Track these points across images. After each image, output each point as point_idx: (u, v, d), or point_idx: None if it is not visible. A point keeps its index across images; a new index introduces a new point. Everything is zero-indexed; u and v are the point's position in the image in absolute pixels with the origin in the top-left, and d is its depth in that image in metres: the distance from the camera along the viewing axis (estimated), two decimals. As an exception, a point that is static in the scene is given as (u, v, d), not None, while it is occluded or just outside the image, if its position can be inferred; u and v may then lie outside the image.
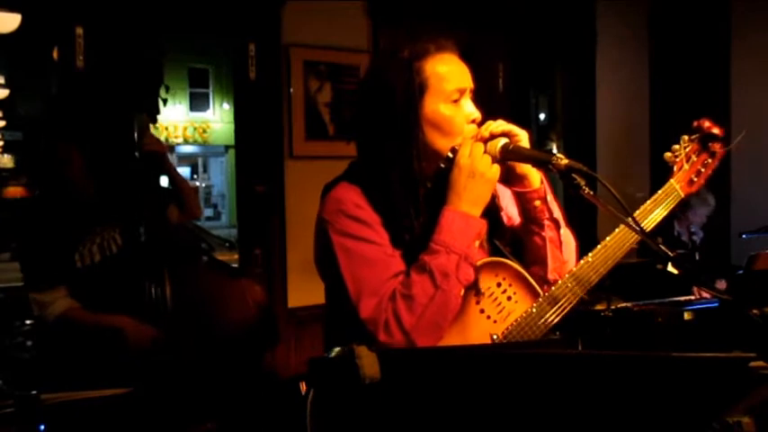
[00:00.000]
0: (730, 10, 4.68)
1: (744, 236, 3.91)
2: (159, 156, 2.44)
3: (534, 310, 1.40)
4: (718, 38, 4.70)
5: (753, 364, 0.85)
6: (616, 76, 4.73)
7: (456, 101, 1.42)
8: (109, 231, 2.41)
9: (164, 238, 2.32)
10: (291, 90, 3.57)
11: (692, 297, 3.29)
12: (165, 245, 2.31)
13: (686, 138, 1.53)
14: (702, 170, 1.52)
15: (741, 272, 3.13)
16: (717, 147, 1.52)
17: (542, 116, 10.38)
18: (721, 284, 3.54)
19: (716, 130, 1.51)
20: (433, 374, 0.87)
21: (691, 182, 1.52)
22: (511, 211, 1.54)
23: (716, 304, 3.00)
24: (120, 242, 2.41)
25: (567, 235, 1.52)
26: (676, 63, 4.77)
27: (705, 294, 3.25)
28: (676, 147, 1.53)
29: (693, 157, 1.52)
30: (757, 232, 3.78)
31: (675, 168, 1.51)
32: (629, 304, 3.10)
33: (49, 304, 2.33)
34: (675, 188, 1.50)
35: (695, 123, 1.53)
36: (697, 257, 3.83)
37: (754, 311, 1.38)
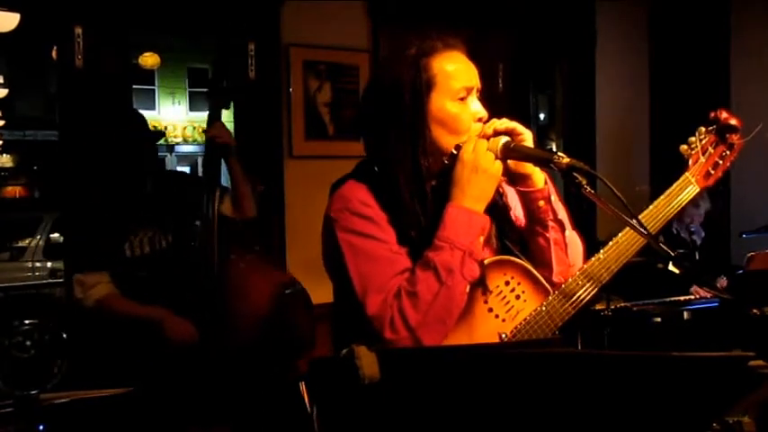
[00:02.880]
0: (730, 10, 4.68)
1: (744, 236, 3.91)
2: (224, 146, 2.41)
3: (544, 308, 1.39)
4: (719, 38, 4.69)
5: (752, 363, 0.85)
6: (616, 76, 4.73)
7: (463, 99, 1.42)
8: (162, 229, 2.42)
9: (216, 230, 2.30)
10: (291, 90, 3.56)
11: (692, 297, 3.29)
12: (218, 235, 2.29)
13: (703, 129, 1.49)
14: (720, 162, 1.48)
15: (741, 272, 3.14)
16: (735, 138, 1.47)
17: (542, 116, 10.38)
18: (722, 281, 3.55)
19: (733, 121, 1.47)
20: (432, 374, 0.87)
21: (708, 174, 1.48)
22: (518, 213, 1.54)
23: (716, 304, 3.01)
24: (170, 239, 2.42)
25: (573, 238, 1.50)
26: (676, 63, 4.77)
27: (705, 294, 3.25)
28: (692, 139, 1.49)
29: (710, 150, 1.47)
30: (757, 232, 3.78)
31: (691, 161, 1.47)
32: (629, 304, 3.10)
33: (91, 286, 2.33)
34: (691, 181, 1.46)
35: (712, 114, 1.49)
36: (697, 257, 3.83)
37: (754, 311, 1.38)
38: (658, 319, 3.00)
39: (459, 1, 3.96)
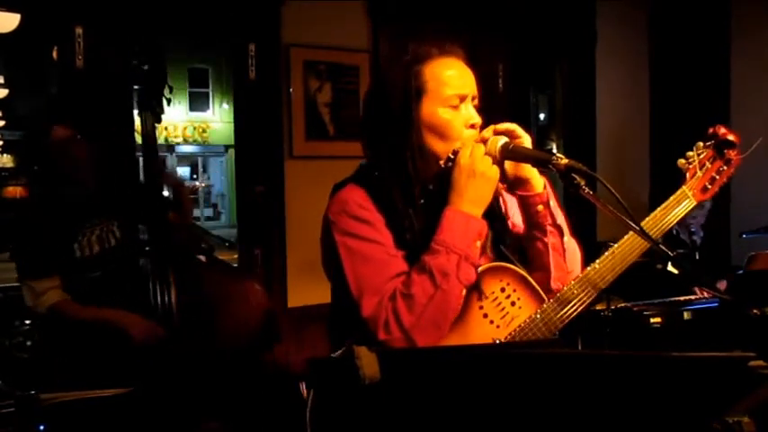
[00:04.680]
0: (730, 10, 4.68)
1: (744, 236, 3.92)
2: (177, 188, 2.53)
3: (539, 315, 1.39)
4: (718, 38, 4.69)
5: (753, 363, 0.85)
6: (616, 76, 4.73)
7: (455, 106, 1.42)
8: (107, 224, 2.42)
9: (165, 237, 2.32)
10: (291, 90, 3.57)
11: (692, 297, 3.29)
12: (167, 244, 2.31)
13: (701, 144, 1.51)
14: (717, 177, 1.50)
15: (741, 272, 3.14)
16: (732, 154, 1.50)
17: (542, 116, 10.39)
18: (721, 284, 3.55)
19: (731, 137, 1.49)
20: (432, 374, 0.87)
21: (704, 189, 1.50)
22: (517, 220, 1.54)
23: (716, 304, 3.01)
24: (118, 235, 2.42)
25: (571, 244, 1.51)
26: (676, 63, 4.77)
27: (705, 294, 3.25)
28: (690, 153, 1.51)
29: (708, 164, 1.50)
30: (757, 232, 3.78)
31: (688, 175, 1.49)
32: (629, 304, 3.10)
33: (42, 293, 2.32)
34: (688, 195, 1.48)
35: (710, 130, 1.51)
36: (697, 257, 3.83)
37: (754, 311, 1.38)
38: (658, 319, 3.00)
39: (459, 1, 3.96)
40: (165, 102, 2.49)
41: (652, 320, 2.99)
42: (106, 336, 2.25)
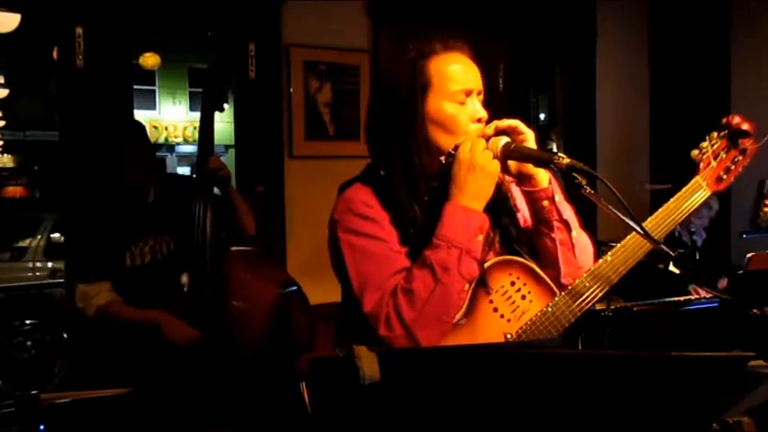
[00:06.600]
0: (730, 9, 4.68)
1: (744, 236, 3.91)
2: (224, 179, 2.42)
3: (550, 309, 1.39)
4: (719, 38, 4.69)
5: (752, 363, 0.85)
6: (616, 76, 4.73)
7: (462, 102, 1.42)
8: (163, 236, 2.43)
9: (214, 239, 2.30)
10: (291, 90, 3.56)
11: (692, 297, 3.29)
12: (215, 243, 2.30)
13: (714, 134, 1.50)
14: (732, 167, 1.49)
15: (741, 272, 3.14)
16: (747, 143, 1.48)
17: (542, 116, 10.40)
18: (722, 284, 3.54)
19: (746, 126, 1.48)
20: (432, 374, 0.87)
21: (719, 179, 1.48)
22: (527, 215, 1.54)
23: (716, 304, 3.00)
24: (172, 247, 2.43)
25: (581, 238, 1.50)
26: (676, 62, 4.77)
27: (705, 294, 3.24)
28: (704, 144, 1.50)
29: (722, 155, 1.48)
30: (757, 232, 3.78)
31: (702, 165, 1.48)
32: (629, 304, 3.10)
33: (93, 296, 2.35)
34: (702, 185, 1.47)
35: (724, 120, 1.49)
36: (697, 257, 3.83)
37: (754, 311, 1.38)
38: (658, 319, 2.99)
39: (460, 1, 3.96)
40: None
41: (652, 320, 2.99)
42: (140, 334, 2.26)
